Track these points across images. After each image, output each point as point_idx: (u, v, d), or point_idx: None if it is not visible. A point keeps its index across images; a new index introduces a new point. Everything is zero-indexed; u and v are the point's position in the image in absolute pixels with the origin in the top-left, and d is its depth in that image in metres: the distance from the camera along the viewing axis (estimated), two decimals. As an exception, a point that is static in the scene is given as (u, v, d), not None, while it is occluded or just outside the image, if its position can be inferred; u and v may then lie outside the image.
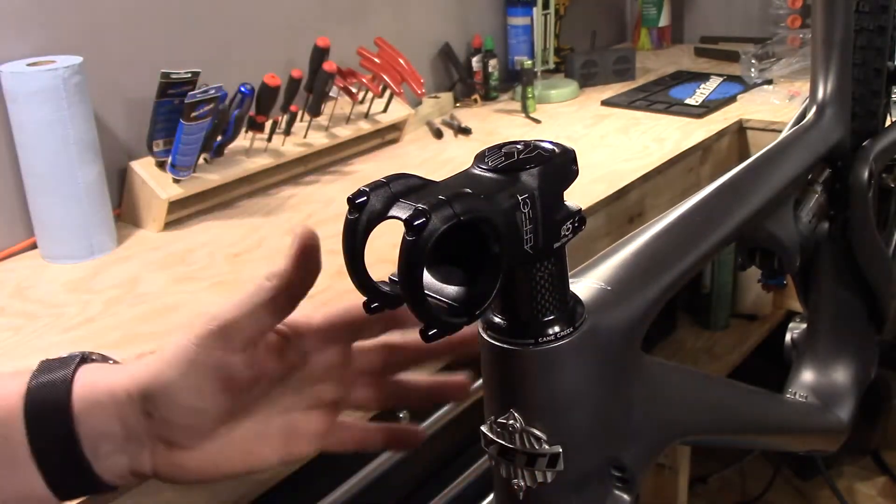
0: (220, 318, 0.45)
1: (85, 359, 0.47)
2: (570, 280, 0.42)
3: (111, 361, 0.49)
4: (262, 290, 0.46)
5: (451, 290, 0.38)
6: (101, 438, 0.44)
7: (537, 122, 1.65)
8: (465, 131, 1.58)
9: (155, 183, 1.19)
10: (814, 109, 0.85)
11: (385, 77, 1.43)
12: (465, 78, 1.77)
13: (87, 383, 0.45)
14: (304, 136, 1.36)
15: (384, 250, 0.43)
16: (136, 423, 0.45)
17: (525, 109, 1.68)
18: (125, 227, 1.21)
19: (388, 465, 0.99)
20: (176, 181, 1.19)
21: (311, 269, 0.46)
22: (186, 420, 0.45)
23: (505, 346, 0.41)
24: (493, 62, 1.78)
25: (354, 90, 1.42)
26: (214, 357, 0.45)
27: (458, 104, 1.75)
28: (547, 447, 0.42)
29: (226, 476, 0.48)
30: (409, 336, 0.52)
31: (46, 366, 0.46)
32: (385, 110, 1.48)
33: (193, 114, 1.13)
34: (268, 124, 1.30)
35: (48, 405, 0.44)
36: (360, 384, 0.52)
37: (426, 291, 0.37)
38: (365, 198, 0.37)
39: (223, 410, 0.46)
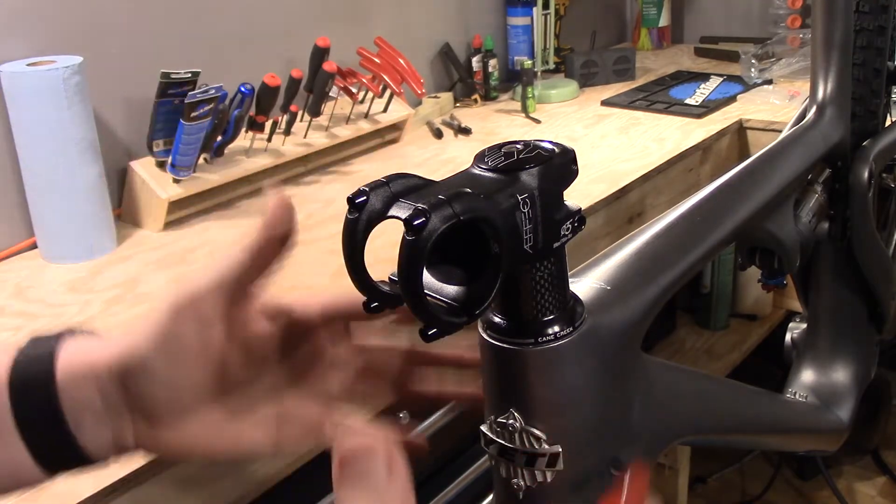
0: (190, 290, 0.44)
1: (71, 333, 0.47)
2: (570, 280, 0.42)
3: (96, 335, 0.48)
4: (231, 259, 0.45)
5: (451, 289, 0.38)
6: (84, 411, 0.44)
7: (537, 122, 1.65)
8: (465, 131, 1.58)
9: (155, 183, 1.19)
10: (814, 109, 0.85)
11: (385, 77, 1.43)
12: (465, 78, 1.77)
13: (70, 356, 0.45)
14: (304, 136, 1.36)
15: (384, 250, 0.43)
16: (115, 397, 0.44)
17: (525, 109, 1.68)
18: (125, 227, 1.21)
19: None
20: (176, 181, 1.19)
21: (283, 236, 0.45)
22: (164, 393, 0.44)
23: (505, 345, 0.41)
24: (493, 62, 1.78)
25: (354, 90, 1.42)
26: (188, 329, 0.44)
27: (458, 104, 1.75)
28: (547, 447, 0.42)
29: (212, 455, 0.47)
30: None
31: (34, 340, 0.46)
32: (385, 110, 1.48)
33: (193, 114, 1.13)
34: (268, 124, 1.30)
35: (32, 378, 0.44)
36: (363, 380, 0.51)
37: (426, 291, 0.37)
38: (365, 197, 0.37)
39: (202, 385, 0.45)
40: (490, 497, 1.01)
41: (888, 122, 0.91)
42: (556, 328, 0.41)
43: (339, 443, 0.41)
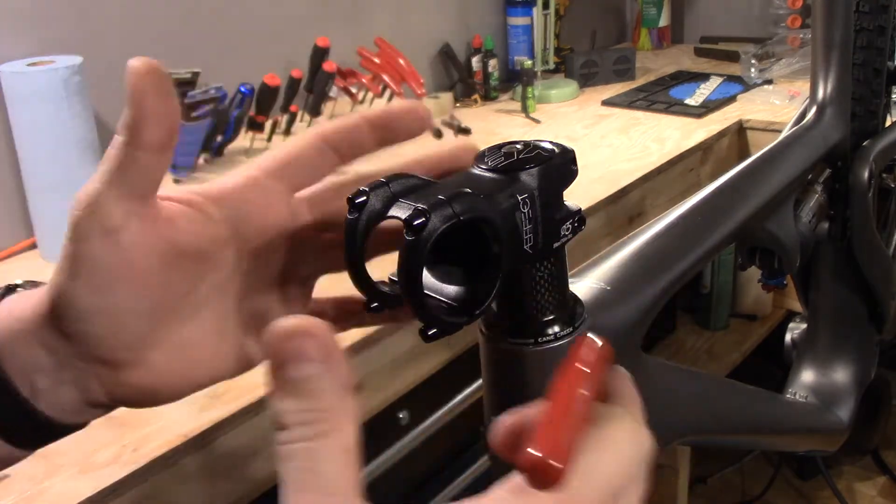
0: (83, 200, 0.38)
1: (10, 289, 0.41)
2: (570, 280, 0.42)
3: (40, 286, 0.42)
4: (114, 150, 0.38)
5: (451, 289, 0.38)
6: (32, 372, 0.39)
7: (537, 122, 1.65)
8: (465, 131, 1.58)
9: (155, 183, 1.19)
10: (814, 109, 0.85)
11: (385, 77, 1.43)
12: (465, 78, 1.77)
13: (5, 314, 0.39)
14: (304, 136, 1.36)
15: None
16: (60, 348, 0.39)
17: (525, 109, 1.68)
18: (125, 227, 1.21)
19: (389, 465, 0.99)
20: (176, 181, 1.19)
21: (162, 107, 0.37)
22: (100, 328, 0.38)
23: (505, 346, 0.41)
24: (493, 62, 1.78)
25: (354, 90, 1.42)
26: (94, 246, 0.38)
27: (458, 104, 1.75)
28: (546, 447, 0.42)
29: (194, 387, 0.41)
30: None
31: None
32: (385, 110, 1.48)
33: (193, 114, 1.13)
34: (268, 124, 1.30)
35: None
36: (318, 253, 0.44)
37: (426, 291, 0.37)
38: (365, 198, 0.37)
39: (136, 305, 0.39)
40: (490, 497, 1.00)
41: (888, 122, 0.91)
42: (556, 328, 0.41)
43: (271, 331, 0.31)
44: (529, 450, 0.30)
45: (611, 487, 0.33)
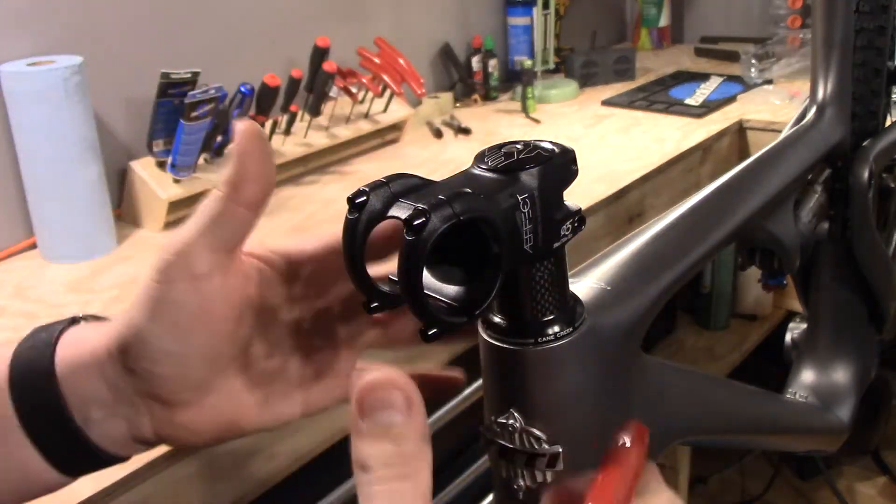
0: (175, 245, 0.40)
1: (75, 321, 0.44)
2: (570, 280, 0.42)
3: (103, 321, 0.44)
4: (212, 202, 0.40)
5: (451, 289, 0.38)
6: (90, 403, 0.40)
7: (537, 122, 1.65)
8: (465, 131, 1.58)
9: (155, 183, 1.19)
10: (814, 109, 0.85)
11: (385, 77, 1.43)
12: (465, 78, 1.77)
13: (71, 344, 0.41)
14: (304, 137, 1.36)
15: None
16: (121, 382, 0.40)
17: (525, 109, 1.68)
18: (125, 227, 1.21)
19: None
20: (176, 181, 1.19)
21: (263, 168, 0.40)
22: (169, 369, 0.40)
23: (504, 345, 0.41)
24: (493, 62, 1.78)
25: (354, 90, 1.42)
26: (179, 290, 0.39)
27: (458, 104, 1.75)
28: (547, 447, 0.42)
29: (240, 431, 0.43)
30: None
31: (35, 331, 0.43)
32: (385, 110, 1.48)
33: (193, 114, 1.13)
34: (268, 124, 1.30)
35: (31, 370, 0.40)
36: (373, 321, 0.46)
37: (426, 291, 0.37)
38: (365, 197, 0.37)
39: (211, 352, 0.41)
40: (490, 497, 1.01)
41: (888, 122, 0.91)
42: (556, 328, 0.41)
43: (356, 381, 0.35)
44: None
45: None
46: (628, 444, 0.38)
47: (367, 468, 0.32)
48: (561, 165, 0.39)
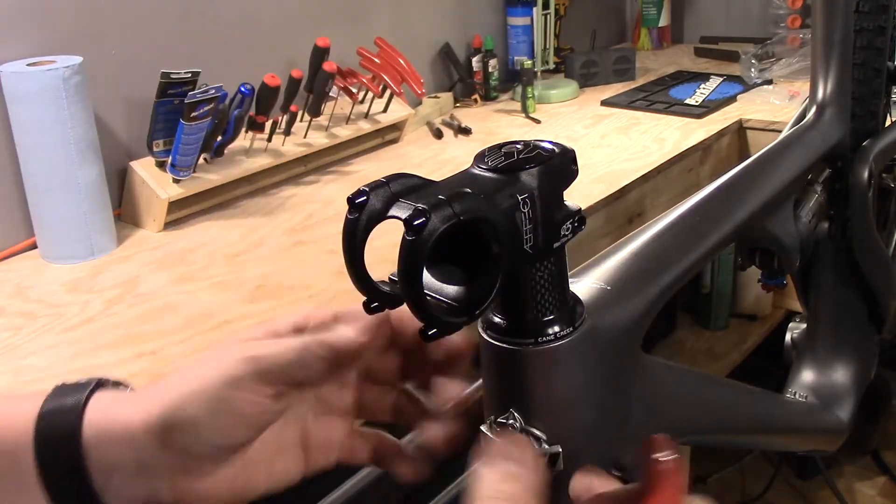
0: (261, 360, 0.43)
1: (101, 384, 0.45)
2: (570, 280, 0.42)
3: (126, 388, 0.47)
4: (322, 346, 0.44)
5: (451, 289, 0.38)
6: (113, 471, 0.42)
7: (537, 122, 1.65)
8: (465, 131, 1.58)
9: (155, 183, 1.19)
10: (814, 109, 0.85)
11: (385, 77, 1.43)
12: (465, 78, 1.77)
13: (100, 412, 0.43)
14: (304, 136, 1.36)
15: (384, 250, 0.43)
16: (151, 458, 0.43)
17: (525, 109, 1.68)
18: (125, 227, 1.21)
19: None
20: (176, 181, 1.19)
21: (383, 342, 0.46)
22: (209, 449, 0.43)
23: (505, 345, 0.41)
24: (493, 62, 1.78)
25: (354, 90, 1.42)
26: (246, 398, 0.43)
27: (458, 104, 1.75)
28: (547, 447, 0.42)
29: (251, 495, 0.46)
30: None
31: (61, 390, 0.44)
32: (385, 110, 1.48)
33: (193, 114, 1.13)
34: (268, 124, 1.30)
35: (58, 432, 0.42)
36: (372, 390, 0.50)
37: (426, 291, 0.37)
38: (365, 197, 0.37)
39: (246, 440, 0.45)
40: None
41: (888, 122, 0.91)
42: (556, 328, 0.41)
43: (484, 444, 0.42)
44: None
45: None
46: (672, 464, 0.39)
47: None
48: (561, 165, 0.39)
